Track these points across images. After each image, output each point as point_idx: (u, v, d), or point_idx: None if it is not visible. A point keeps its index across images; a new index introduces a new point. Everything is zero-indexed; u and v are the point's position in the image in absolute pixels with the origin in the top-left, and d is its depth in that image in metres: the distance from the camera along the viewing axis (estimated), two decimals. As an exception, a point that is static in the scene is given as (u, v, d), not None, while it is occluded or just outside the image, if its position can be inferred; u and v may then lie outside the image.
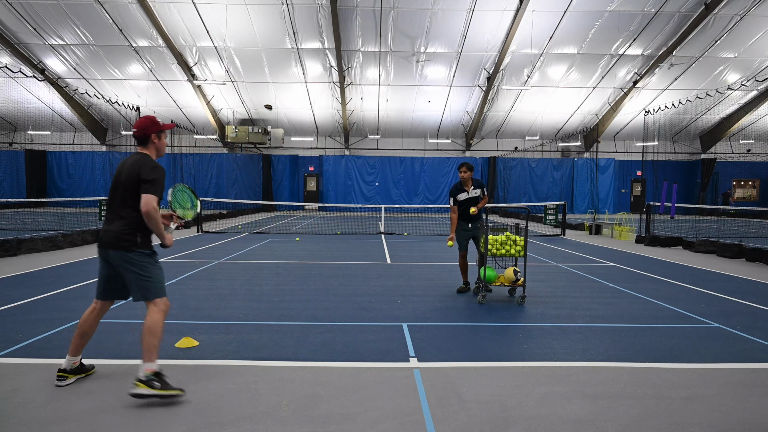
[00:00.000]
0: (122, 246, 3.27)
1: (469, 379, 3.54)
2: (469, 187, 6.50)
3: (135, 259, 3.31)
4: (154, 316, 3.26)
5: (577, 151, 28.29)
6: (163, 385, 3.09)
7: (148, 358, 3.15)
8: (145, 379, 3.06)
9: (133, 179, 3.26)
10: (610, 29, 19.33)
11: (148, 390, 3.05)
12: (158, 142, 3.48)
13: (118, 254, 3.29)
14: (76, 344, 3.38)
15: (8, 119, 26.21)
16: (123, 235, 3.27)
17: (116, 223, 3.30)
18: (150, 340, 3.19)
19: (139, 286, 3.31)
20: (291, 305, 5.71)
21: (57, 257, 9.06)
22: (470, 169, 6.52)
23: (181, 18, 19.08)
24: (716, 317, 5.38)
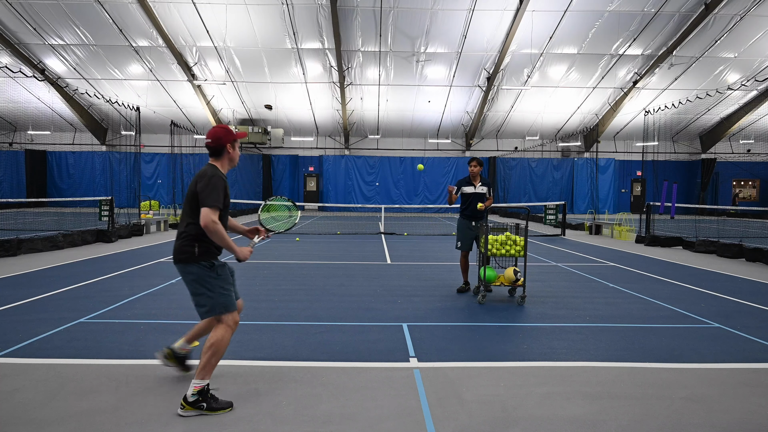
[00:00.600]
0: (180, 259, 3.14)
1: (469, 379, 3.54)
2: (477, 183, 6.49)
3: (193, 272, 3.13)
4: (218, 332, 3.10)
5: (577, 151, 28.28)
6: (209, 404, 2.97)
7: (201, 375, 3.00)
8: (192, 401, 2.94)
9: (192, 191, 3.14)
10: (610, 29, 19.33)
11: (195, 412, 2.94)
12: (232, 152, 3.28)
13: (178, 267, 3.18)
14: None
15: (8, 119, 26.20)
16: (182, 247, 3.13)
17: (179, 236, 3.18)
18: (209, 358, 3.03)
19: (198, 302, 3.17)
20: (291, 305, 5.71)
21: (57, 257, 9.06)
22: (480, 164, 6.53)
23: (181, 18, 19.08)
24: (716, 317, 5.38)
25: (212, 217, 3.01)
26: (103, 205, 13.24)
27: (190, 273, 3.13)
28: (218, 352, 3.07)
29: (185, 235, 3.14)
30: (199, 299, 3.15)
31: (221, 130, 3.25)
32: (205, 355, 3.04)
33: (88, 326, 4.71)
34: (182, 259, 3.13)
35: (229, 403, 3.05)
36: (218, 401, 3.01)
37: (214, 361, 3.06)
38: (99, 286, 6.60)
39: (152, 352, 4.00)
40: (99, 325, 4.77)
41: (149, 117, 24.72)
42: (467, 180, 6.57)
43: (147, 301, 5.80)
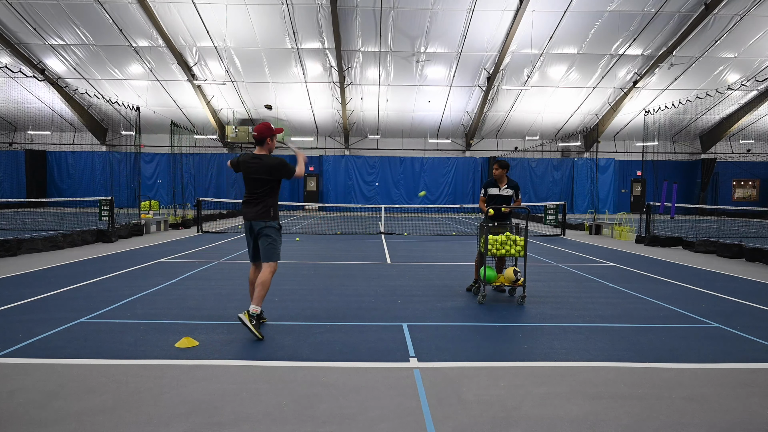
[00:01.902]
0: (263, 217, 4.63)
1: (469, 379, 3.54)
2: (502, 185, 6.47)
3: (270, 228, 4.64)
4: (267, 273, 4.57)
5: (577, 151, 28.29)
6: (255, 325, 4.34)
7: (258, 303, 4.48)
8: (252, 314, 4.38)
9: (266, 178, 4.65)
10: (610, 29, 19.34)
11: (247, 321, 4.31)
12: (271, 143, 4.83)
13: (259, 224, 4.62)
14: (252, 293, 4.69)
15: (8, 119, 26.21)
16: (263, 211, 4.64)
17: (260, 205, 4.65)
18: (260, 291, 4.50)
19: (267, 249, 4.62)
20: (291, 305, 5.71)
21: (57, 257, 9.06)
22: (502, 166, 6.46)
23: (181, 18, 19.08)
24: (716, 317, 5.38)
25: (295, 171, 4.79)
26: (103, 205, 13.25)
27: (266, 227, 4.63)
28: (267, 286, 4.57)
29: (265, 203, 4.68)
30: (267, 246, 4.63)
31: (263, 126, 4.76)
32: (259, 288, 4.50)
33: (88, 326, 4.71)
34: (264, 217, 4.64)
35: (262, 336, 4.37)
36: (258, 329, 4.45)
37: (264, 293, 4.53)
38: (99, 286, 6.60)
39: (152, 352, 4.00)
40: (99, 325, 4.77)
41: (149, 117, 24.73)
42: (493, 182, 6.56)
43: (147, 301, 5.80)
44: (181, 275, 7.48)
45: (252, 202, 4.67)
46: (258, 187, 4.66)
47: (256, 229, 4.64)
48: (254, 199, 4.67)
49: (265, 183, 4.66)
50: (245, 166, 4.68)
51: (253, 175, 4.64)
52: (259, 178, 4.64)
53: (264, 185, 4.66)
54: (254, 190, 4.67)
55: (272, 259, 4.62)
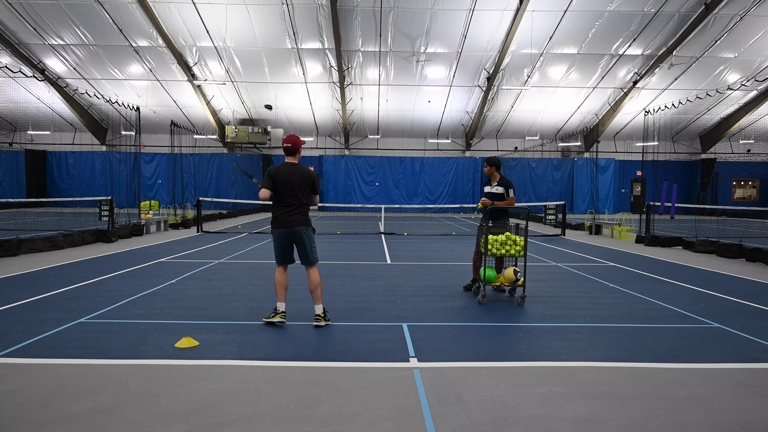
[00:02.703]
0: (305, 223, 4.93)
1: (469, 379, 3.54)
2: (494, 182, 6.51)
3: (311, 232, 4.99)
4: (317, 274, 4.97)
5: (577, 151, 28.29)
6: (326, 316, 4.96)
7: (320, 301, 4.95)
8: (321, 314, 4.88)
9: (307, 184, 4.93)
10: (610, 29, 19.33)
11: (324, 322, 4.86)
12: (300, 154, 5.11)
13: (300, 230, 4.88)
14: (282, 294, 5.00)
15: (8, 119, 26.20)
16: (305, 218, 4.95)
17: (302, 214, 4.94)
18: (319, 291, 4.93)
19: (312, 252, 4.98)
20: (291, 305, 5.71)
21: (57, 257, 9.06)
22: (490, 164, 6.52)
23: (181, 18, 19.08)
24: (716, 317, 5.38)
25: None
26: (103, 205, 13.25)
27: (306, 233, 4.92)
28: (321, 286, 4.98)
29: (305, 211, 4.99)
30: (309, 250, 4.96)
31: (297, 138, 5.00)
32: (317, 290, 4.92)
33: (88, 326, 4.71)
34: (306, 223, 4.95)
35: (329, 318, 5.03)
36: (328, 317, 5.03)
37: (321, 291, 4.97)
38: (99, 286, 6.60)
39: (152, 352, 4.00)
40: (99, 325, 4.77)
41: (149, 117, 24.73)
42: (487, 180, 6.65)
43: (147, 301, 5.80)
44: (181, 275, 7.48)
45: (294, 210, 4.88)
46: (302, 196, 4.89)
47: (297, 235, 4.87)
48: (297, 206, 4.88)
49: (307, 190, 4.93)
50: (287, 177, 4.82)
51: (297, 183, 4.84)
52: (302, 186, 4.87)
53: (306, 193, 4.92)
54: (298, 199, 4.87)
55: (316, 260, 5.01)
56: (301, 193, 4.88)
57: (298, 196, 4.86)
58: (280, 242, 4.92)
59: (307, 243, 4.89)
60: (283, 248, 4.94)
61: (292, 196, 4.85)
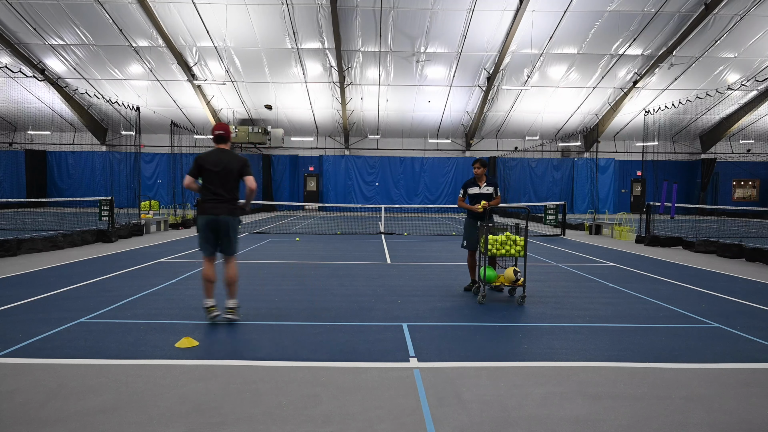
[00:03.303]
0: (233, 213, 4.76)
1: (469, 379, 3.54)
2: (482, 183, 6.52)
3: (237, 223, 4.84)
4: (234, 266, 4.90)
5: (577, 151, 28.29)
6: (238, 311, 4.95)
7: (234, 295, 4.91)
8: (234, 307, 4.87)
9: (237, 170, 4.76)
10: (610, 29, 19.33)
11: (236, 315, 4.86)
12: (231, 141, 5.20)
13: (226, 219, 4.72)
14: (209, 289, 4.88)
15: (8, 119, 26.20)
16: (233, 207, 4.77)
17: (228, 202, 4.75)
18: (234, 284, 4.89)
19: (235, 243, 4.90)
20: (291, 305, 5.71)
21: (57, 257, 9.06)
22: (483, 165, 6.55)
23: (181, 18, 19.08)
24: (716, 317, 5.38)
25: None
26: (103, 205, 13.24)
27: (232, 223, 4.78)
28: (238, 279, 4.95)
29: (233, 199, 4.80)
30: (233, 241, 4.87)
31: (226, 126, 4.92)
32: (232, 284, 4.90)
33: (88, 326, 4.71)
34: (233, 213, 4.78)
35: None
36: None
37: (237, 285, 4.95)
38: (99, 286, 6.60)
39: (152, 352, 4.00)
40: (99, 325, 4.77)
41: (149, 117, 24.73)
42: (473, 181, 6.62)
43: (147, 301, 5.80)
44: (181, 275, 7.48)
45: (220, 198, 4.71)
46: (230, 181, 4.73)
47: (222, 224, 4.72)
48: (224, 194, 4.72)
49: (235, 178, 4.76)
50: (214, 164, 4.69)
51: (225, 170, 4.70)
52: (230, 173, 4.71)
53: (233, 180, 4.75)
54: (225, 186, 4.72)
55: (236, 251, 4.95)
56: (229, 180, 4.73)
57: (225, 184, 4.72)
58: (204, 231, 4.79)
59: (232, 234, 4.80)
60: (206, 237, 4.81)
61: (219, 184, 4.71)
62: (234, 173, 4.75)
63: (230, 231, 4.77)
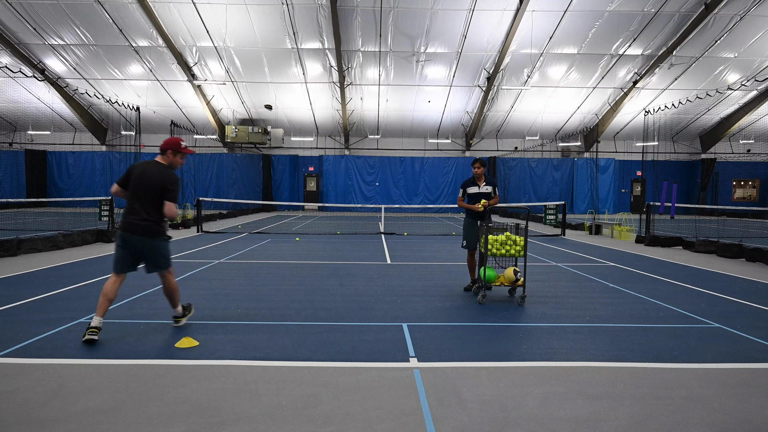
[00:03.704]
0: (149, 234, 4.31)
1: (469, 379, 3.54)
2: (481, 183, 6.53)
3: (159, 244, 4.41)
4: (171, 279, 4.56)
5: (577, 151, 28.29)
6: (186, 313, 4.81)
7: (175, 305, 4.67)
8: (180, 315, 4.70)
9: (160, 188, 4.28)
10: (610, 29, 19.33)
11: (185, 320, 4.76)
12: (171, 158, 4.47)
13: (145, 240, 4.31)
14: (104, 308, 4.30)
15: (8, 119, 26.21)
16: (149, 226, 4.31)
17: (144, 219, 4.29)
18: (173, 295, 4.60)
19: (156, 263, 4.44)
20: (291, 305, 5.71)
21: (57, 257, 9.06)
22: (483, 165, 6.56)
23: (181, 18, 19.08)
24: (716, 317, 5.38)
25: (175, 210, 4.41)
26: (103, 205, 13.24)
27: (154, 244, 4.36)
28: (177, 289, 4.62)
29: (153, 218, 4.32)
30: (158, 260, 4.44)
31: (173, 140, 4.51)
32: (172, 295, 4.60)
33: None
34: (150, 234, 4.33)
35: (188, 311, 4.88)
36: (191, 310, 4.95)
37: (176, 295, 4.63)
38: (99, 286, 6.59)
39: (152, 352, 4.00)
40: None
41: (149, 117, 24.73)
42: (471, 181, 6.63)
43: (147, 301, 5.80)
44: (182, 275, 7.48)
45: (136, 214, 4.28)
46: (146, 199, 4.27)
47: (140, 244, 4.30)
48: (141, 210, 4.28)
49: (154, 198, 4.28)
50: (139, 176, 4.30)
51: (146, 186, 4.27)
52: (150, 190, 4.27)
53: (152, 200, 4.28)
54: (143, 204, 4.28)
55: (167, 265, 4.51)
56: (147, 198, 4.26)
57: (142, 200, 4.27)
58: (119, 246, 4.33)
59: (151, 253, 4.35)
60: (119, 254, 4.34)
61: (138, 200, 4.28)
62: (153, 191, 4.26)
63: (147, 251, 4.32)
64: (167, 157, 4.43)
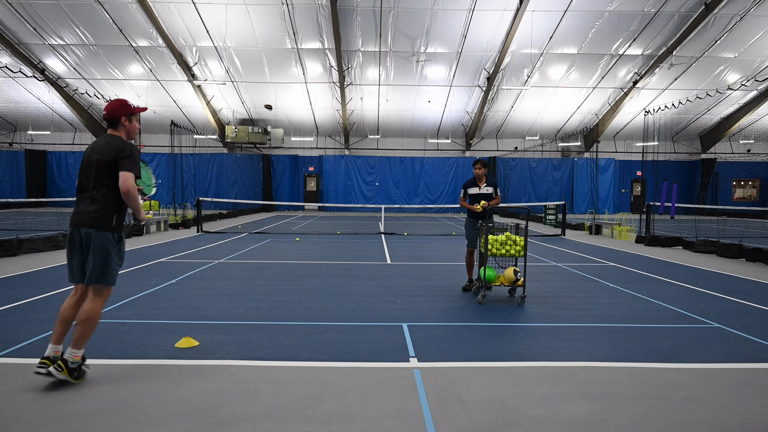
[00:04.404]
0: (95, 225, 3.30)
1: (469, 379, 3.54)
2: (482, 184, 6.54)
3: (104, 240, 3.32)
4: (95, 303, 3.32)
5: (577, 151, 28.29)
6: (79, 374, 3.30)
7: (79, 346, 3.27)
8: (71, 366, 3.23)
9: (109, 159, 3.30)
10: (610, 29, 19.33)
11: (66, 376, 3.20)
12: (128, 125, 3.51)
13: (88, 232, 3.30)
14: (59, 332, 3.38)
15: (8, 119, 26.21)
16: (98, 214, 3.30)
17: (92, 205, 3.32)
18: (85, 329, 3.26)
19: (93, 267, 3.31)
20: (291, 305, 5.71)
21: (57, 257, 9.06)
22: (484, 165, 6.58)
23: (181, 18, 19.08)
24: (716, 317, 5.38)
25: (133, 182, 3.30)
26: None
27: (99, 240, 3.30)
28: (95, 323, 3.31)
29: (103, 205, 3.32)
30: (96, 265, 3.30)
31: (117, 104, 3.48)
32: (81, 326, 3.26)
33: (88, 326, 4.70)
34: (97, 225, 3.30)
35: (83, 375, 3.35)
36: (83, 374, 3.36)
37: (90, 331, 3.29)
38: (99, 286, 6.59)
39: (152, 352, 4.00)
40: (99, 325, 4.74)
41: (149, 117, 24.73)
42: (472, 181, 6.64)
43: (147, 301, 5.80)
44: (181, 275, 7.48)
45: (83, 200, 3.37)
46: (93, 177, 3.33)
47: (85, 238, 3.32)
48: (87, 195, 3.36)
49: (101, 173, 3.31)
50: (88, 153, 3.42)
51: (91, 161, 3.34)
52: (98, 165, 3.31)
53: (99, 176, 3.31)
54: (87, 183, 3.36)
55: (106, 282, 3.33)
56: (97, 179, 3.31)
57: (92, 184, 3.33)
58: (68, 247, 3.41)
59: (98, 254, 3.29)
60: (68, 258, 3.41)
61: (86, 185, 3.36)
62: (102, 167, 3.29)
63: (92, 249, 3.28)
64: (123, 126, 3.47)
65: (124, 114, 3.47)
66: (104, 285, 3.35)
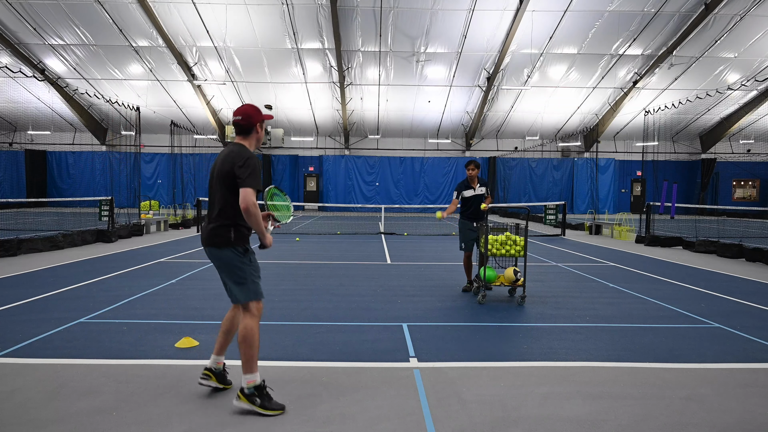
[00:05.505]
0: (215, 243, 3.07)
1: (469, 379, 3.54)
2: (475, 185, 6.53)
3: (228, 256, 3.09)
4: (246, 323, 3.08)
5: (577, 151, 28.28)
6: (263, 401, 2.97)
7: (248, 369, 3.02)
8: (247, 393, 2.97)
9: (227, 171, 3.02)
10: (610, 29, 19.33)
11: (249, 405, 2.95)
12: (261, 132, 3.25)
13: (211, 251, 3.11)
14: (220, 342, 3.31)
15: (8, 119, 26.19)
16: (217, 230, 3.06)
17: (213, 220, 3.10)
18: (246, 350, 3.03)
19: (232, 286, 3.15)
20: (291, 305, 5.71)
21: (57, 257, 9.06)
22: (477, 167, 6.59)
23: (181, 18, 19.07)
24: (716, 317, 5.38)
25: (253, 199, 2.94)
26: (103, 205, 13.25)
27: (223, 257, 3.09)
28: (253, 342, 3.04)
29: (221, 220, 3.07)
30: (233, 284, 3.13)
31: (251, 108, 3.19)
32: (241, 347, 3.05)
33: (88, 326, 4.71)
34: (217, 243, 3.07)
35: (282, 406, 3.03)
36: (272, 401, 3.02)
37: (252, 352, 3.03)
38: (99, 286, 6.60)
39: (152, 352, 4.00)
40: (99, 325, 4.77)
41: (149, 117, 24.71)
42: (466, 183, 6.61)
43: (147, 301, 5.80)
44: (181, 275, 7.48)
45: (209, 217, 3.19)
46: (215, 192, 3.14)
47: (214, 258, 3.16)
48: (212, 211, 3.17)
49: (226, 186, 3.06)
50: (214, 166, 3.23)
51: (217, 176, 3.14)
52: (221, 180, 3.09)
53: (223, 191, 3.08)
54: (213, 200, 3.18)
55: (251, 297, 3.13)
56: (216, 194, 3.12)
57: (214, 197, 3.16)
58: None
59: (228, 270, 3.11)
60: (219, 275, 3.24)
61: (210, 195, 3.22)
62: (220, 181, 3.07)
63: (223, 268, 3.13)
64: (256, 133, 3.21)
65: (260, 120, 3.21)
66: (249, 301, 3.12)
